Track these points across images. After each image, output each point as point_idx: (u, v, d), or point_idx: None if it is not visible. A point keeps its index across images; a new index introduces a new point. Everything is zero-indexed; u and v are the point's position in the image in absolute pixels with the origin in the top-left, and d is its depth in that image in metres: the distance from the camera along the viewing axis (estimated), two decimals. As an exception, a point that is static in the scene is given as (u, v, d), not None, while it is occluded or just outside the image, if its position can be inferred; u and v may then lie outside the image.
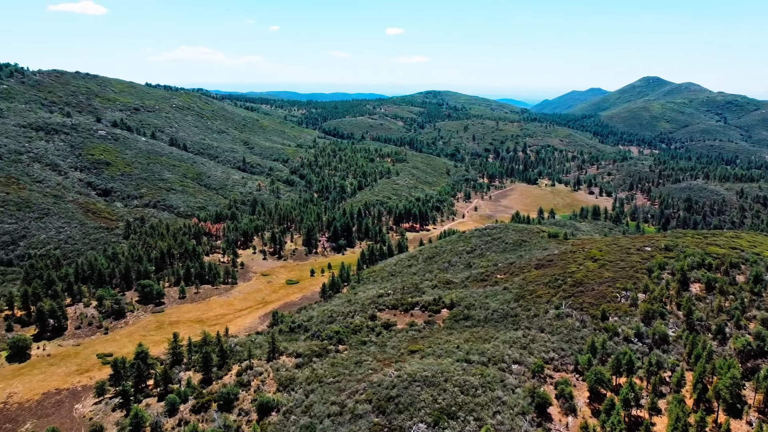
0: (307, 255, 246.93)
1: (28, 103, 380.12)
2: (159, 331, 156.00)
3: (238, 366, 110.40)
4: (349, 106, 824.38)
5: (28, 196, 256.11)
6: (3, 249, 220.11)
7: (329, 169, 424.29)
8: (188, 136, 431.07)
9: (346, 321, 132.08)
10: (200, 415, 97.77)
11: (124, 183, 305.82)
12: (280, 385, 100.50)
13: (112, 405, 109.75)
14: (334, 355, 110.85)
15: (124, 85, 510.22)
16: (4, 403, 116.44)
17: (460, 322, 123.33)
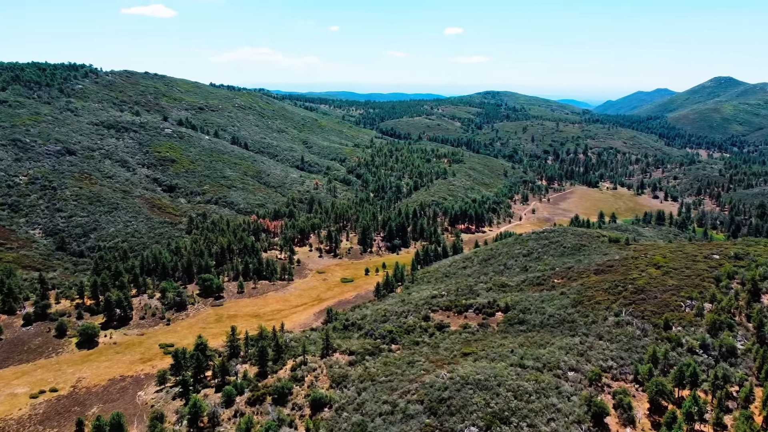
0: (362, 254, 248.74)
1: (101, 102, 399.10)
2: (218, 324, 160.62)
3: (292, 361, 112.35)
4: (406, 107, 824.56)
5: (99, 190, 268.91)
6: (75, 241, 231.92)
7: (385, 169, 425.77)
8: (249, 135, 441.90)
9: (399, 321, 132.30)
10: (255, 407, 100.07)
11: (188, 180, 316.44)
12: (333, 382, 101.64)
13: (173, 393, 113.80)
14: (387, 354, 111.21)
15: (190, 85, 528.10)
16: (74, 387, 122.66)
17: (515, 326, 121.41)
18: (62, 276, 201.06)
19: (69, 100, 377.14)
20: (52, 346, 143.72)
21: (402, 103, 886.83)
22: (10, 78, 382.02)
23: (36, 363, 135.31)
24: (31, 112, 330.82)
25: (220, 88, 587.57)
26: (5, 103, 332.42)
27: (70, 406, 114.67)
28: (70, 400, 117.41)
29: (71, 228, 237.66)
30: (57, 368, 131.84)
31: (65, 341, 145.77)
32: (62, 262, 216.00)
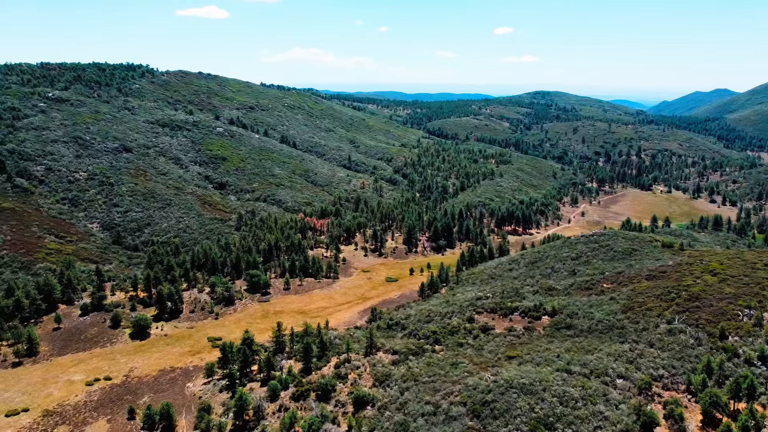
0: (407, 254, 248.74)
1: (157, 101, 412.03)
2: (264, 319, 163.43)
3: (336, 358, 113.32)
4: (454, 107, 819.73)
5: (154, 187, 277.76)
6: (130, 235, 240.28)
7: (432, 169, 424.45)
8: (298, 134, 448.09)
9: (443, 321, 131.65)
10: (299, 402, 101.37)
11: (238, 177, 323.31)
12: (376, 381, 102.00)
13: (220, 386, 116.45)
14: (430, 354, 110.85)
15: (241, 84, 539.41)
16: (126, 376, 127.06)
17: (562, 331, 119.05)
18: (117, 269, 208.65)
19: (126, 99, 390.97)
20: (107, 336, 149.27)
21: (449, 103, 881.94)
22: (72, 78, 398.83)
23: (92, 352, 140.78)
24: (91, 111, 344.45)
25: (270, 88, 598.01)
26: (67, 102, 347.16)
27: (122, 395, 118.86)
28: (122, 388, 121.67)
29: (126, 223, 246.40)
30: (111, 357, 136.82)
31: (119, 332, 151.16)
32: (118, 256, 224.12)
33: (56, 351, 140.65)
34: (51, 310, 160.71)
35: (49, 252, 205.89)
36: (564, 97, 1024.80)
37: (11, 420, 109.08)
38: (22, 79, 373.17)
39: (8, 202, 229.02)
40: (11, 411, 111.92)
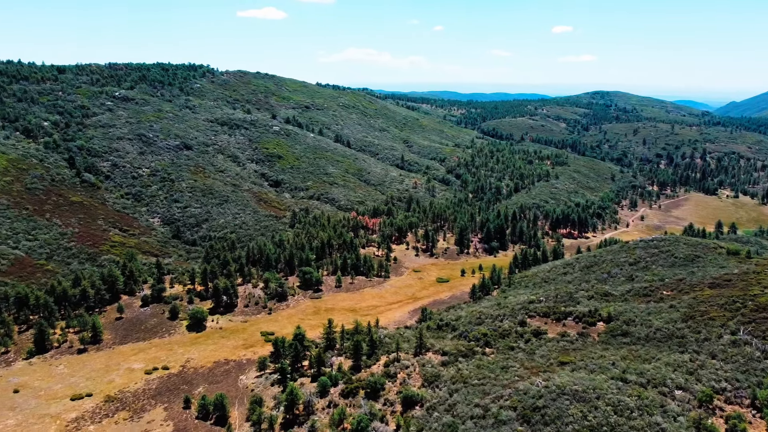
0: (458, 254, 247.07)
1: (216, 100, 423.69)
2: (315, 316, 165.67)
3: (386, 357, 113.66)
4: (509, 107, 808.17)
5: (212, 183, 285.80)
6: (189, 230, 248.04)
7: (485, 170, 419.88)
8: (352, 134, 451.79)
9: (494, 324, 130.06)
10: (348, 399, 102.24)
11: (293, 176, 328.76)
12: (425, 381, 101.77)
13: (271, 380, 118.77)
14: (481, 357, 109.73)
15: (297, 84, 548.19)
16: (183, 366, 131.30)
17: (618, 338, 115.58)
18: (176, 262, 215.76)
19: (188, 98, 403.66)
20: (165, 327, 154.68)
21: (504, 103, 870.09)
22: (138, 77, 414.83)
23: (151, 342, 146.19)
24: (154, 109, 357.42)
25: (325, 88, 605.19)
26: (133, 101, 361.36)
27: (179, 384, 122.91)
28: (179, 378, 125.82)
29: (186, 218, 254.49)
30: (169, 348, 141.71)
31: (177, 323, 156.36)
32: (177, 250, 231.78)
33: (118, 340, 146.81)
34: (114, 300, 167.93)
35: (113, 244, 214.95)
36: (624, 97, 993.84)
37: (76, 404, 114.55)
38: (91, 78, 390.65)
39: (77, 196, 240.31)
40: (76, 395, 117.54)
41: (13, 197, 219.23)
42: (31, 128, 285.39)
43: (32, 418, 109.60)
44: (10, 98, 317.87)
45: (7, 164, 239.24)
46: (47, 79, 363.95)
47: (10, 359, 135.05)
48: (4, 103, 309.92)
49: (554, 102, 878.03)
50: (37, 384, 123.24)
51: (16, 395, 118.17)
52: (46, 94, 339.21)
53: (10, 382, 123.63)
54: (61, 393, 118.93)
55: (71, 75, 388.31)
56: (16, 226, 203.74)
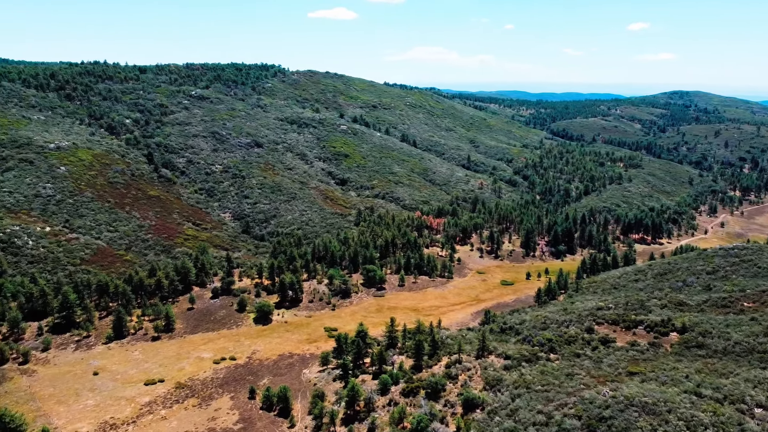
0: (524, 257, 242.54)
1: (286, 99, 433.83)
2: (378, 314, 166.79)
3: (447, 358, 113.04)
4: (580, 107, 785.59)
5: (280, 181, 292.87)
6: (258, 225, 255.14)
7: (554, 172, 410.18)
8: (418, 133, 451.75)
9: (559, 330, 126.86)
10: (409, 398, 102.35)
11: (359, 174, 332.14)
12: (486, 384, 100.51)
13: (333, 375, 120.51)
14: (545, 363, 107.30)
15: (365, 84, 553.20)
16: (249, 358, 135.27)
17: (692, 350, 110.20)
18: (245, 256, 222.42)
19: (259, 97, 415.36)
20: (233, 318, 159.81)
21: (576, 103, 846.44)
22: (213, 77, 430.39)
23: (220, 332, 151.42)
24: (228, 108, 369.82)
25: (393, 87, 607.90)
26: (208, 100, 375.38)
27: (245, 375, 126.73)
28: (245, 369, 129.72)
29: (255, 214, 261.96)
30: (236, 339, 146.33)
31: (244, 316, 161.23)
32: (246, 244, 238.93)
33: (189, 329, 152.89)
34: (186, 291, 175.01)
35: (186, 238, 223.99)
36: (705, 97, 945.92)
37: (149, 389, 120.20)
38: (170, 78, 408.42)
39: (155, 190, 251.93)
40: (149, 380, 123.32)
41: (96, 190, 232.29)
42: (114, 125, 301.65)
43: (109, 399, 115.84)
44: (96, 97, 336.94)
45: (92, 159, 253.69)
46: (130, 79, 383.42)
47: (91, 343, 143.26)
48: (91, 101, 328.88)
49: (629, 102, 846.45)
50: (115, 368, 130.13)
51: (95, 377, 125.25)
52: (129, 92, 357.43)
53: (90, 365, 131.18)
54: (136, 377, 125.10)
55: (151, 75, 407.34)
56: (99, 217, 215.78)
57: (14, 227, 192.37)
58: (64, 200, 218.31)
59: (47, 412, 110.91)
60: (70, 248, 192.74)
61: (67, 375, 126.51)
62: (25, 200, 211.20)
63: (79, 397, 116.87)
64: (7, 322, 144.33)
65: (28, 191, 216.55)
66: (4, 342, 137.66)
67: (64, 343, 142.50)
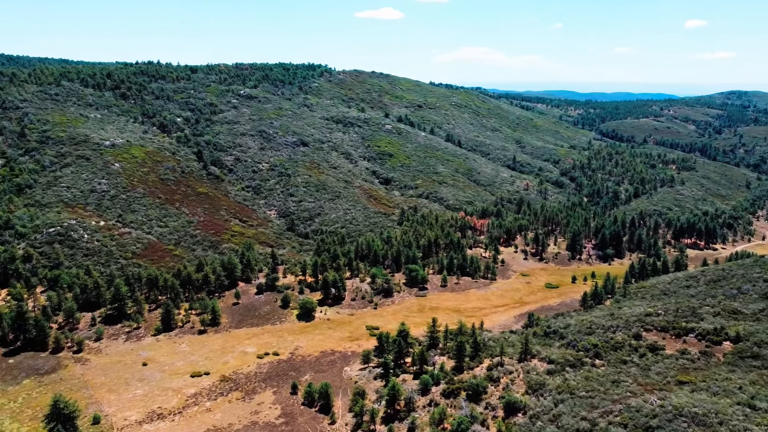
0: (569, 260, 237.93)
1: (332, 99, 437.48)
2: (420, 313, 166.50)
3: (489, 360, 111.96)
4: (631, 107, 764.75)
5: (325, 179, 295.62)
6: (302, 223, 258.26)
7: (603, 173, 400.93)
8: (463, 133, 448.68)
9: (605, 335, 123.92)
10: (449, 400, 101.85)
11: (403, 174, 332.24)
12: (529, 388, 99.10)
13: (374, 374, 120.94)
14: (590, 368, 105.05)
15: (411, 83, 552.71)
16: (291, 353, 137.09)
17: (747, 360, 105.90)
18: (289, 254, 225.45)
19: (306, 96, 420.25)
20: (277, 314, 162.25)
21: (626, 103, 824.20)
22: (261, 77, 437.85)
23: (264, 328, 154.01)
24: (275, 107, 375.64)
25: (438, 87, 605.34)
26: (256, 99, 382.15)
27: (287, 370, 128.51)
28: (288, 364, 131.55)
29: (300, 212, 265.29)
30: (279, 335, 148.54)
31: (288, 312, 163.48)
32: (290, 241, 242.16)
33: (234, 324, 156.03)
34: (232, 286, 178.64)
35: (233, 234, 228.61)
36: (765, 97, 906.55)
37: (195, 380, 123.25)
38: (219, 78, 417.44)
39: (203, 187, 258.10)
40: (195, 372, 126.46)
41: (148, 186, 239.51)
42: (166, 123, 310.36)
43: (157, 390, 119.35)
44: (149, 96, 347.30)
45: (145, 156, 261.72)
46: (181, 78, 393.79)
47: (140, 334, 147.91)
48: (144, 100, 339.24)
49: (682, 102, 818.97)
50: (162, 359, 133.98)
51: (144, 368, 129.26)
52: (180, 92, 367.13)
53: (140, 356, 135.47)
54: (183, 369, 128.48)
55: (202, 74, 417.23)
56: (150, 213, 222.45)
57: (71, 221, 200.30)
58: (118, 196, 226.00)
59: (99, 400, 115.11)
60: (122, 242, 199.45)
61: (117, 365, 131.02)
62: (82, 195, 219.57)
63: (128, 386, 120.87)
64: (63, 312, 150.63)
65: (85, 187, 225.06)
66: (60, 331, 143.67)
67: (115, 333, 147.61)
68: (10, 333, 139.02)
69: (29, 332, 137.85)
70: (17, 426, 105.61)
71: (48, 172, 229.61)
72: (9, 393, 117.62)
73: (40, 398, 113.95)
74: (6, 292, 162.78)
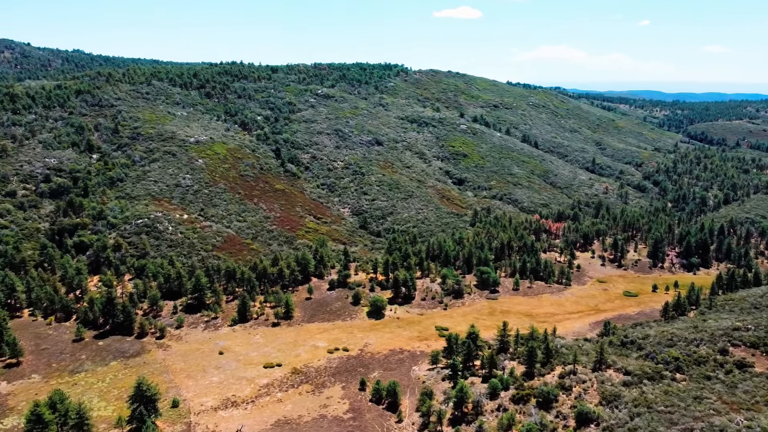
0: (650, 268, 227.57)
1: (408, 98, 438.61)
2: (490, 316, 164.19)
3: (561, 368, 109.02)
4: (723, 108, 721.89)
5: (398, 179, 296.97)
6: (375, 222, 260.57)
7: (689, 178, 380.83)
8: (540, 134, 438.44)
9: (688, 348, 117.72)
10: (518, 406, 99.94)
11: (477, 174, 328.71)
12: (603, 399, 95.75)
13: (443, 375, 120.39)
14: (669, 382, 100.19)
15: (487, 83, 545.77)
16: (361, 350, 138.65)
17: None
18: (361, 251, 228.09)
19: (381, 96, 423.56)
20: (347, 311, 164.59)
21: (718, 105, 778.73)
22: (338, 77, 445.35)
23: (334, 323, 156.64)
24: (351, 106, 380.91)
25: (515, 86, 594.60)
26: (332, 98, 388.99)
27: (356, 366, 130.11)
28: (357, 360, 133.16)
29: (373, 210, 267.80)
30: (349, 331, 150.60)
31: (358, 309, 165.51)
32: (362, 239, 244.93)
33: (306, 318, 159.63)
34: (305, 281, 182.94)
35: (307, 230, 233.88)
36: None
37: (267, 371, 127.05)
38: (298, 77, 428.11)
39: (281, 184, 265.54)
40: (268, 364, 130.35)
41: (229, 182, 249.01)
42: (247, 122, 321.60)
43: (232, 378, 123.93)
44: (232, 95, 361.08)
45: (227, 153, 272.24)
46: (262, 78, 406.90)
47: (218, 324, 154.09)
48: (227, 99, 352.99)
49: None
50: (238, 349, 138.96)
51: (221, 357, 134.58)
52: (261, 91, 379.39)
53: (217, 345, 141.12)
54: (256, 360, 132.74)
55: (282, 74, 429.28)
56: (230, 207, 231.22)
57: (157, 213, 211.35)
58: (200, 190, 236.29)
59: (178, 385, 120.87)
60: (203, 235, 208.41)
61: (196, 352, 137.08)
62: (167, 189, 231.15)
63: (205, 373, 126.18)
64: (148, 300, 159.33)
65: (170, 181, 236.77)
66: (145, 317, 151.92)
67: (194, 322, 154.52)
68: (100, 317, 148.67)
69: (117, 317, 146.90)
70: (104, 404, 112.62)
71: (138, 166, 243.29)
72: (98, 373, 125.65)
73: (125, 380, 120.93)
74: (97, 279, 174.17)
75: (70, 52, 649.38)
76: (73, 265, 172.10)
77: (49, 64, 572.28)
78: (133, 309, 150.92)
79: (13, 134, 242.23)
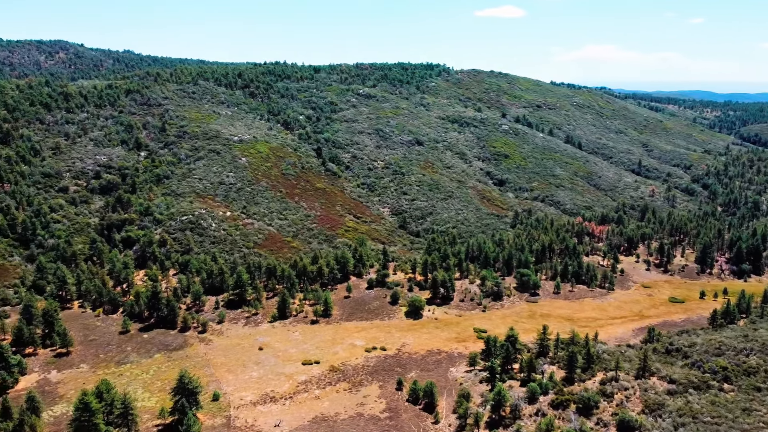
0: (698, 274, 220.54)
1: (449, 98, 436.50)
2: (530, 320, 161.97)
3: (602, 374, 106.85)
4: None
5: (439, 179, 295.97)
6: (414, 222, 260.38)
7: (741, 181, 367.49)
8: (584, 135, 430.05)
9: (737, 358, 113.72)
10: (558, 411, 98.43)
11: (518, 175, 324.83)
12: (646, 407, 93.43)
13: (480, 377, 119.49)
14: (716, 392, 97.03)
15: (530, 83, 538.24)
16: (398, 350, 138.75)
17: None
18: (400, 251, 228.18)
19: (423, 96, 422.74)
20: (386, 310, 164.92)
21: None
22: (380, 76, 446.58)
23: (372, 322, 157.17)
24: (392, 106, 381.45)
25: (559, 86, 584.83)
26: (374, 98, 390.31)
27: (393, 366, 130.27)
28: (394, 360, 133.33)
29: (412, 210, 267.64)
30: (387, 331, 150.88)
31: (396, 309, 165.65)
32: (401, 239, 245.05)
33: (344, 316, 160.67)
34: (344, 280, 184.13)
35: (347, 229, 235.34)
36: None
37: (306, 368, 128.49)
38: (340, 77, 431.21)
39: (321, 182, 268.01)
40: (307, 360, 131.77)
41: (271, 180, 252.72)
42: (289, 121, 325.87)
43: (271, 374, 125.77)
44: (275, 94, 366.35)
45: (269, 152, 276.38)
46: (305, 78, 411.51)
47: (258, 320, 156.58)
48: (270, 98, 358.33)
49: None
50: (277, 345, 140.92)
51: (260, 352, 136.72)
52: (303, 91, 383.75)
53: (257, 341, 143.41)
54: (295, 356, 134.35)
55: (324, 74, 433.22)
56: (272, 206, 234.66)
57: (201, 210, 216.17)
58: (243, 188, 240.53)
59: (218, 379, 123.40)
60: (245, 232, 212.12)
61: (236, 347, 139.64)
62: (212, 187, 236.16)
63: (245, 368, 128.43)
64: (191, 295, 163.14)
65: (214, 179, 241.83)
66: (188, 312, 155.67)
67: (235, 318, 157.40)
68: (145, 310, 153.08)
69: (162, 311, 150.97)
70: (148, 395, 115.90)
71: (183, 164, 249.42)
72: (142, 365, 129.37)
73: (168, 372, 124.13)
74: (143, 273, 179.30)
75: (121, 53, 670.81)
76: (121, 260, 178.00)
77: (101, 64, 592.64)
78: (177, 303, 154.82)
79: (66, 132, 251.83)
